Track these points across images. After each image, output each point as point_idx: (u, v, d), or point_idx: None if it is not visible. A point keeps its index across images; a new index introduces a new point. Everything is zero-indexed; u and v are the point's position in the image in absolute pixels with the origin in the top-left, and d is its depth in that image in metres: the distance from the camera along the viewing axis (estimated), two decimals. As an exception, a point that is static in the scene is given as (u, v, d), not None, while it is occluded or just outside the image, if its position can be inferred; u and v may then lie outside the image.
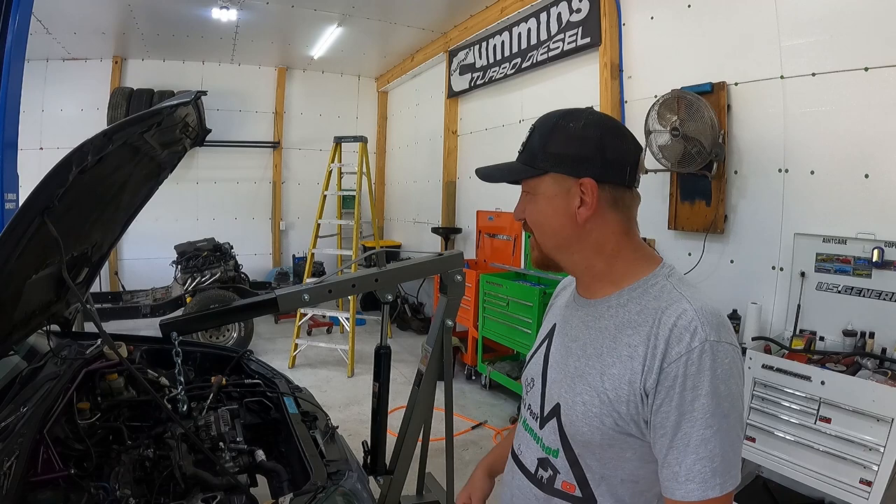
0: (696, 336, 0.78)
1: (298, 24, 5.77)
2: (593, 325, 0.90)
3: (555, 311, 1.07)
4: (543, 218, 0.92)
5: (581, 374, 0.88)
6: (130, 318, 5.28)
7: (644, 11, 3.56)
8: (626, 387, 0.82)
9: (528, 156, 0.92)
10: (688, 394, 0.77)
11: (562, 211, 0.89)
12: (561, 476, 0.91)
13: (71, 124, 6.16)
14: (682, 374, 0.77)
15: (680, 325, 0.79)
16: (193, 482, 1.39)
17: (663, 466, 0.80)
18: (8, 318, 1.44)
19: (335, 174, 5.53)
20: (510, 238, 4.79)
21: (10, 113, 2.59)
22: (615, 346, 0.85)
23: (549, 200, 0.90)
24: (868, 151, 2.39)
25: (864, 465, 1.91)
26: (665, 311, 0.82)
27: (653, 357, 0.80)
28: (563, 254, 0.93)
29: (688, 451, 0.77)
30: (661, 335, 0.80)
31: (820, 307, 2.47)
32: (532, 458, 0.97)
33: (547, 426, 0.93)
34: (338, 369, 5.01)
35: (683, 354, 0.77)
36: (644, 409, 0.81)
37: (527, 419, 1.01)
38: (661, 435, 0.79)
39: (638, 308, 0.86)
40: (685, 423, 0.77)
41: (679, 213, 3.20)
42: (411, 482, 2.38)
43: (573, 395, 0.88)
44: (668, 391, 0.78)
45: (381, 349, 2.13)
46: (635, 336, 0.83)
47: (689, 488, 0.77)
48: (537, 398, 0.98)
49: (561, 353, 0.95)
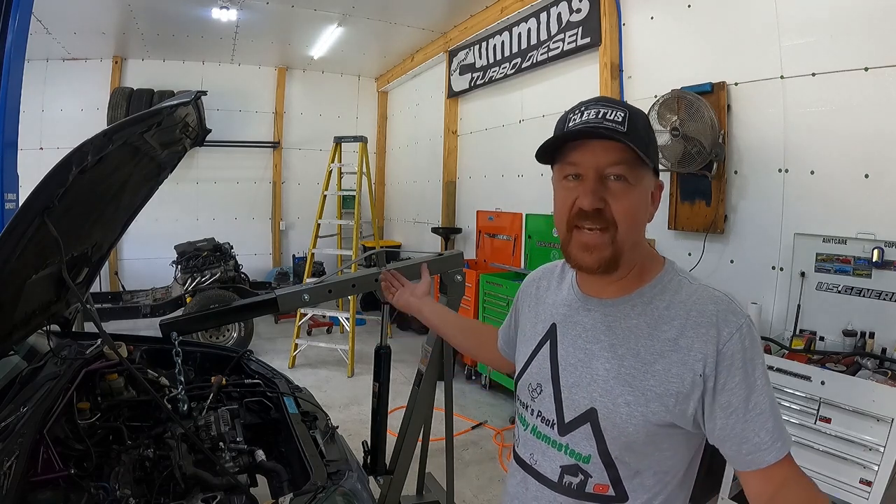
0: (738, 315, 0.83)
1: (298, 24, 5.78)
2: (619, 325, 0.89)
3: (547, 309, 1.02)
4: (639, 211, 0.87)
5: (617, 375, 0.87)
6: (130, 318, 5.29)
7: (644, 11, 3.56)
8: (676, 379, 0.83)
9: (640, 142, 0.83)
10: (748, 367, 0.81)
11: (648, 207, 0.90)
12: (593, 480, 0.89)
13: (71, 124, 6.16)
14: (739, 351, 0.81)
15: (722, 309, 0.83)
16: (193, 482, 1.39)
17: (741, 442, 0.81)
18: (8, 318, 1.44)
19: (335, 174, 5.53)
20: (510, 238, 4.78)
21: (10, 113, 2.59)
22: (653, 344, 0.85)
23: (644, 194, 0.88)
24: (868, 151, 2.39)
25: (864, 465, 1.91)
26: (697, 302, 0.85)
27: (704, 343, 0.82)
28: (632, 251, 0.89)
29: (764, 417, 0.80)
30: (704, 322, 0.83)
31: (820, 307, 2.47)
32: (553, 466, 0.92)
33: (575, 432, 0.90)
34: (338, 369, 5.01)
35: (735, 333, 0.81)
36: (698, 396, 0.82)
37: (537, 427, 0.96)
38: (731, 413, 0.81)
39: (664, 304, 0.87)
40: (754, 395, 0.81)
41: (679, 213, 3.20)
42: (411, 482, 2.38)
43: (613, 398, 0.86)
44: (730, 369, 0.81)
45: (381, 349, 2.13)
46: (671, 330, 0.85)
47: (777, 447, 0.80)
48: (550, 405, 0.93)
49: (577, 357, 0.92)
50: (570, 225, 0.88)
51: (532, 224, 4.33)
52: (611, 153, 0.83)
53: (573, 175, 0.87)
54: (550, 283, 1.06)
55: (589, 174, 0.85)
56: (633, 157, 0.83)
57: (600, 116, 0.83)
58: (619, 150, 0.83)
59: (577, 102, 0.90)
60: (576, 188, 0.86)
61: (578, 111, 0.87)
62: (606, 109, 0.84)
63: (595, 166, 0.84)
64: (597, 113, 0.84)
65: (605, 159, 0.84)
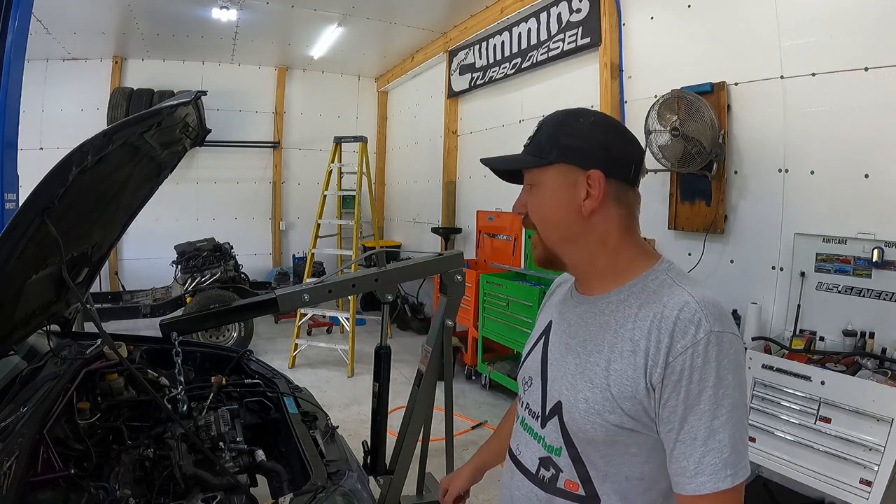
0: (700, 327, 0.77)
1: (298, 24, 5.77)
2: (593, 322, 0.90)
3: (550, 308, 1.06)
4: (548, 210, 0.91)
5: (582, 371, 0.87)
6: (130, 318, 5.28)
7: (644, 11, 3.56)
8: (630, 382, 0.81)
9: (535, 147, 0.92)
10: (694, 387, 0.76)
11: (566, 203, 0.89)
12: (564, 475, 0.90)
13: (71, 124, 6.15)
14: (688, 367, 0.76)
15: (684, 318, 0.78)
16: (193, 482, 1.39)
17: (671, 461, 0.79)
18: (8, 318, 1.44)
19: (335, 174, 5.53)
20: (510, 238, 4.79)
21: (10, 113, 2.59)
22: (617, 342, 0.85)
23: (553, 192, 0.90)
24: (868, 151, 2.39)
25: (864, 465, 1.91)
26: (666, 305, 0.81)
27: (657, 351, 0.79)
28: (566, 247, 0.92)
29: (696, 444, 0.76)
30: (664, 328, 0.79)
31: (820, 307, 2.47)
32: (532, 457, 0.95)
33: (549, 424, 0.92)
34: (338, 369, 5.00)
35: (689, 347, 0.76)
36: (651, 404, 0.80)
37: (525, 419, 0.99)
38: (669, 430, 0.78)
39: (638, 303, 0.85)
40: (691, 417, 0.76)
41: (679, 213, 3.20)
42: (411, 482, 2.38)
43: (575, 393, 0.87)
44: (675, 385, 0.77)
45: (381, 349, 2.13)
46: (637, 331, 0.82)
47: (699, 481, 0.75)
48: (537, 397, 0.96)
49: (560, 351, 0.95)
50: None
51: (532, 224, 4.32)
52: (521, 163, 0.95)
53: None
54: (560, 285, 1.10)
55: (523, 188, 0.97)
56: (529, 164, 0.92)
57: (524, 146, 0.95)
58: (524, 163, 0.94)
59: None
60: None
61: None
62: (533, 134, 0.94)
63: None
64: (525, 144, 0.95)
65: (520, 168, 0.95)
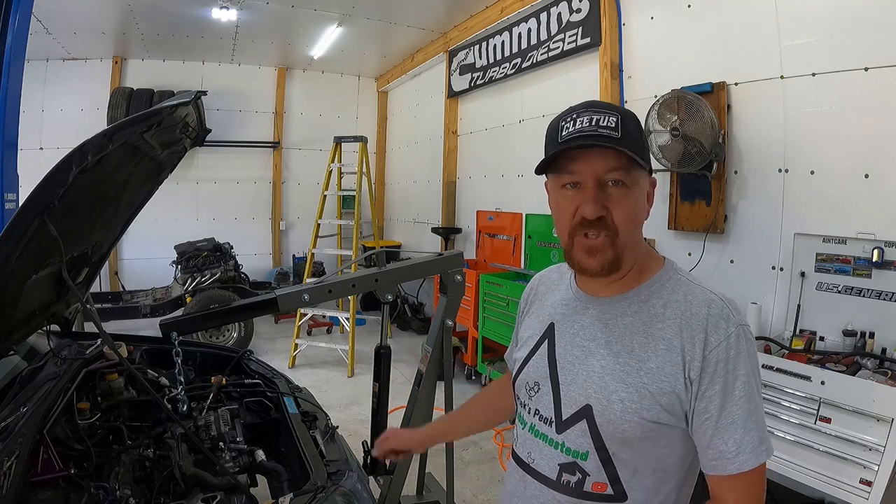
0: (730, 321, 0.83)
1: (298, 24, 5.77)
2: (615, 323, 0.90)
3: (544, 310, 1.03)
4: (638, 213, 0.89)
5: (612, 372, 0.88)
6: (130, 318, 5.28)
7: (644, 11, 3.55)
8: (669, 379, 0.84)
9: (634, 145, 0.84)
10: (730, 376, 0.82)
11: (644, 206, 0.91)
12: (591, 478, 0.89)
13: (71, 124, 6.15)
14: (724, 359, 0.82)
15: (714, 314, 0.84)
16: (193, 482, 1.39)
17: (710, 448, 0.83)
18: (8, 318, 1.44)
19: (335, 174, 5.53)
20: (510, 238, 4.78)
21: (10, 113, 2.59)
22: (647, 341, 0.86)
23: (641, 195, 0.89)
24: (868, 151, 2.39)
25: (864, 465, 1.91)
26: (692, 302, 0.86)
27: (692, 346, 0.83)
28: (629, 251, 0.89)
29: (735, 427, 0.81)
30: (696, 325, 0.84)
31: (820, 307, 2.47)
32: (551, 464, 0.92)
33: (572, 430, 0.90)
34: (338, 369, 5.01)
35: (723, 340, 0.82)
36: (687, 397, 0.84)
37: (535, 425, 0.96)
38: (706, 419, 0.83)
39: (661, 302, 0.88)
40: (728, 404, 0.81)
41: (679, 213, 3.20)
42: (411, 482, 2.38)
43: (607, 395, 0.87)
44: (713, 376, 0.82)
45: (381, 349, 2.13)
46: (667, 329, 0.86)
47: (741, 460, 0.81)
48: (548, 402, 0.94)
49: (575, 354, 0.93)
50: (572, 233, 0.88)
51: (532, 224, 4.33)
52: (608, 160, 0.84)
53: (571, 184, 0.87)
54: (549, 287, 1.07)
55: (588, 182, 0.85)
56: (628, 161, 0.83)
57: (594, 124, 0.83)
58: (615, 157, 0.83)
59: (566, 108, 0.89)
60: (575, 196, 0.87)
61: (570, 119, 0.86)
62: (599, 115, 0.84)
63: (594, 174, 0.85)
64: (590, 120, 0.84)
65: (603, 167, 0.84)
